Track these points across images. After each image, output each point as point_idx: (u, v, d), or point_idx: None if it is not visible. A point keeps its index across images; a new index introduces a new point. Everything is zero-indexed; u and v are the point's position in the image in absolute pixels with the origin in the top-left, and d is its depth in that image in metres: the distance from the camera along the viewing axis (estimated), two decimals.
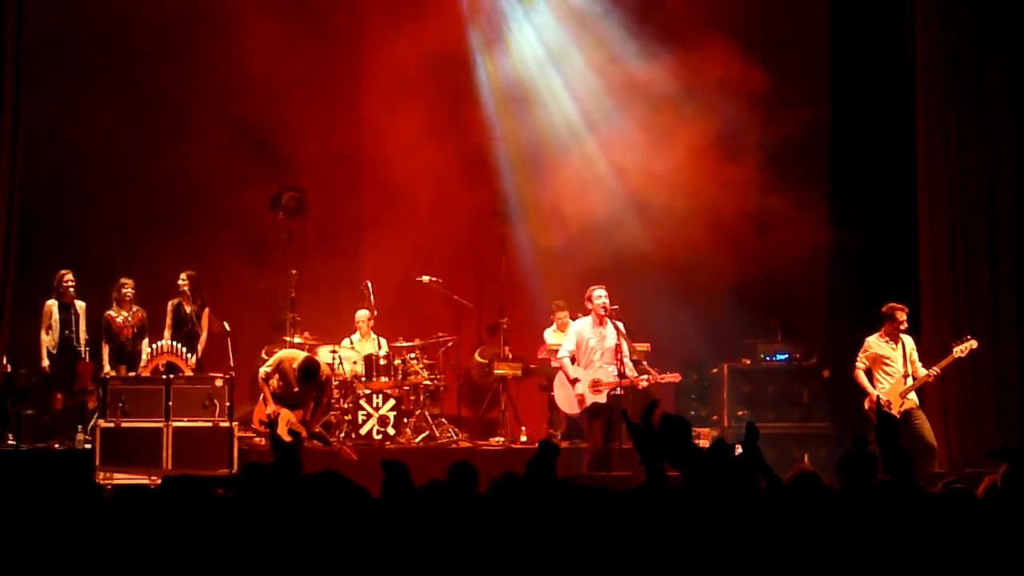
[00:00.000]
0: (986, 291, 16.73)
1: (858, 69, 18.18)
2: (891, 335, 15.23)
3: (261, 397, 14.77)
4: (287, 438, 14.69)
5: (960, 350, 14.98)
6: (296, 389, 14.58)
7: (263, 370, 14.83)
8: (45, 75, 17.46)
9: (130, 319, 16.96)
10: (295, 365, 14.56)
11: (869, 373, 15.31)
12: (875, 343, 15.30)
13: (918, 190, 16.97)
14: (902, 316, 15.23)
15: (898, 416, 14.85)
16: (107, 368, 16.63)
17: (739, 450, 7.19)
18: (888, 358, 15.22)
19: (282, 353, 15.28)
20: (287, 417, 14.81)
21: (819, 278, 18.62)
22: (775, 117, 18.17)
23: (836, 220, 18.09)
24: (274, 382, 14.67)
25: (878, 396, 15.00)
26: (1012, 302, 16.64)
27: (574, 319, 15.85)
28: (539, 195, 18.79)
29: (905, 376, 15.10)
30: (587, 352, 15.12)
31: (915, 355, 15.24)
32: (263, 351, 17.59)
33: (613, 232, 18.49)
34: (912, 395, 15.13)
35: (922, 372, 15.10)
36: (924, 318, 16.44)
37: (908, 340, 15.30)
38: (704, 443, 14.86)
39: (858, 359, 15.33)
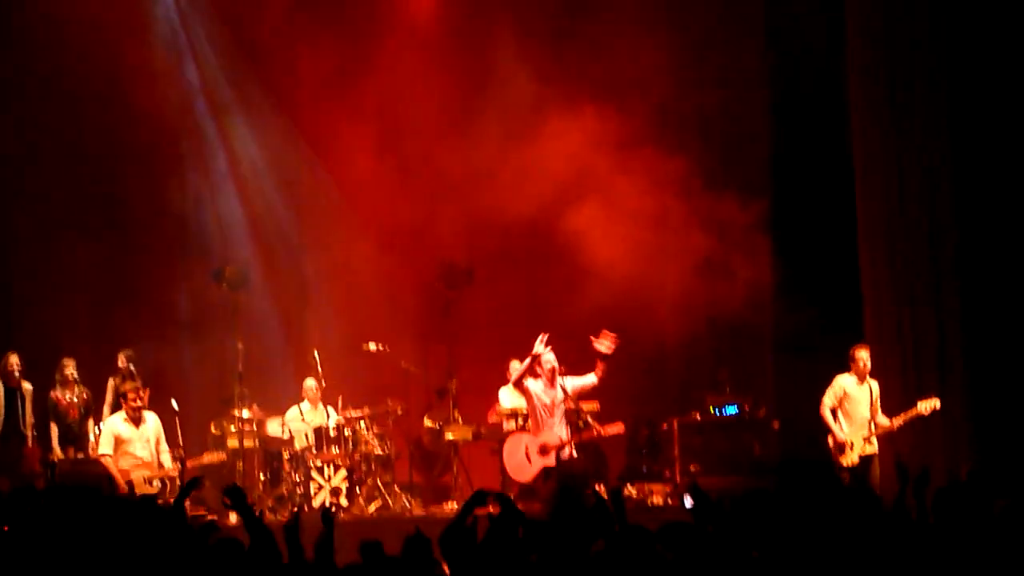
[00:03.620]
0: (932, 334, 16.79)
1: (797, 114, 18.34)
2: (859, 376, 15.30)
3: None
4: (149, 489, 15.05)
5: (924, 407, 14.99)
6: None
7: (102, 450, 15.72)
8: None
9: (75, 400, 16.79)
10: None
11: (835, 412, 15.31)
12: (844, 382, 15.35)
13: (859, 236, 17.11)
14: (858, 354, 15.33)
15: (857, 461, 14.91)
16: (56, 451, 16.45)
17: (689, 503, 7.37)
18: (854, 399, 15.28)
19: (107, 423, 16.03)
20: (140, 474, 15.32)
21: (765, 328, 18.70)
22: (717, 164, 18.38)
23: (780, 270, 18.22)
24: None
25: (839, 439, 15.10)
26: (958, 345, 16.70)
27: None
28: (484, 256, 18.81)
29: (870, 421, 15.14)
30: (542, 414, 15.14)
31: (879, 402, 15.26)
32: (211, 426, 17.54)
33: (557, 291, 18.56)
34: (874, 440, 15.13)
35: (883, 420, 15.13)
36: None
37: (875, 385, 15.36)
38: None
39: (826, 394, 15.37)
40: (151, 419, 15.82)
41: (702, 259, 18.35)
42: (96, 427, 16.52)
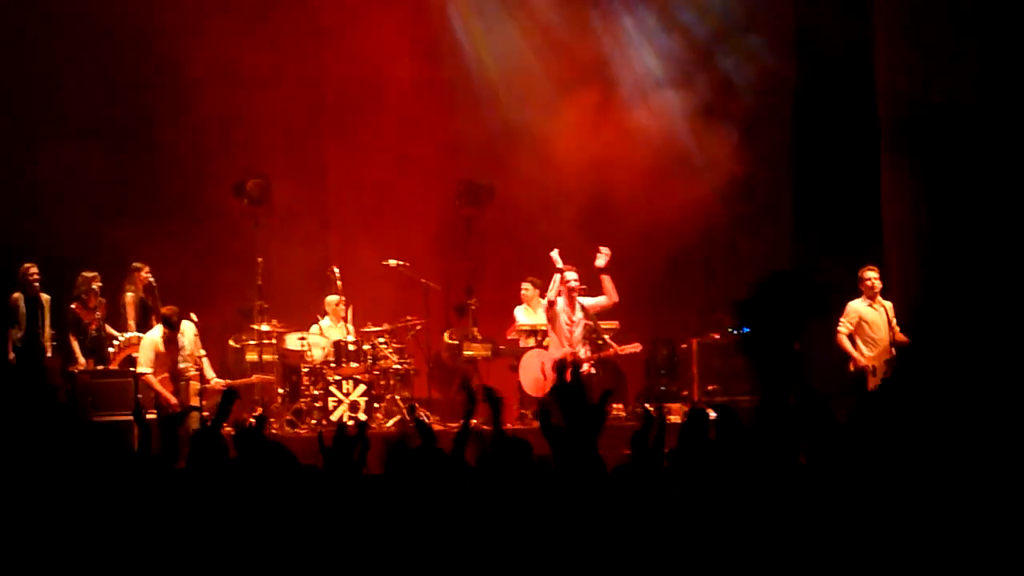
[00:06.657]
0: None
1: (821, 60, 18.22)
2: (870, 298, 14.98)
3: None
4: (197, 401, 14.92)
5: None
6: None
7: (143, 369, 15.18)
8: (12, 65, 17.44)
9: (96, 312, 16.73)
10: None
11: (852, 338, 15.03)
12: (857, 307, 15.01)
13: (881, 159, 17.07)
14: (867, 275, 15.01)
15: (880, 383, 14.57)
16: (81, 361, 16.29)
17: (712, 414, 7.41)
18: (870, 322, 14.94)
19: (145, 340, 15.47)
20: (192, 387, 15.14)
21: (785, 249, 18.64)
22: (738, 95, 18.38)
23: (801, 197, 18.22)
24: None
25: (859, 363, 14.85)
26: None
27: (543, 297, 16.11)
28: (508, 173, 18.80)
29: (891, 342, 14.81)
30: (563, 331, 15.30)
31: (894, 320, 14.94)
32: (230, 340, 17.60)
33: (580, 211, 18.56)
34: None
35: (904, 339, 14.83)
36: (893, 279, 16.38)
37: (888, 304, 15.03)
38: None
39: (840, 323, 15.02)
40: (187, 328, 15.54)
41: (725, 182, 18.35)
42: (114, 340, 16.46)
